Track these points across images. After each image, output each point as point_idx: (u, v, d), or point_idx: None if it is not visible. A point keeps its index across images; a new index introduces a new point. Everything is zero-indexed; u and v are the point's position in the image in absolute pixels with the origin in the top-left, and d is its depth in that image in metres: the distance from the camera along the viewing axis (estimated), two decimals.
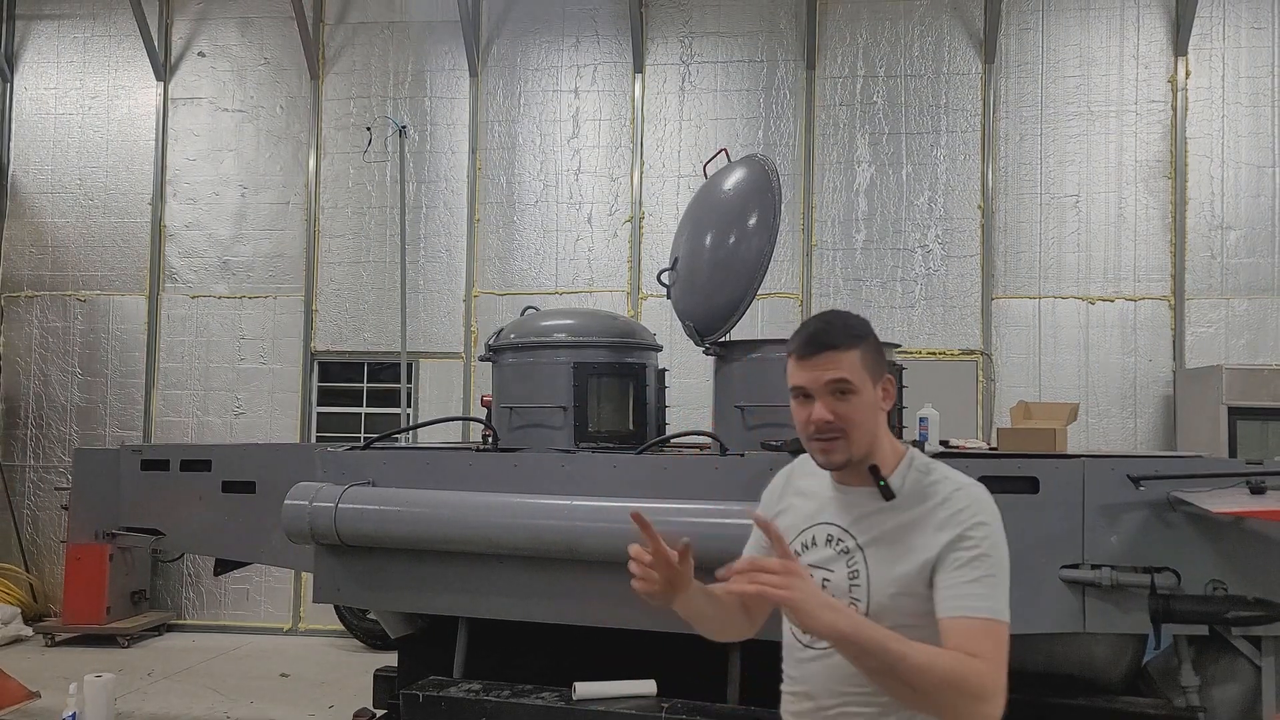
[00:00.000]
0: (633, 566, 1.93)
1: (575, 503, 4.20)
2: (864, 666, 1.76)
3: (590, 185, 9.14)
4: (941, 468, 2.02)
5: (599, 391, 4.75)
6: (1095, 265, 8.58)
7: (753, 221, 4.55)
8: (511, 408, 4.83)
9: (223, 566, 5.72)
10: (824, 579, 1.97)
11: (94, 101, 9.81)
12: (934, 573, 1.87)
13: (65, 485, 8.33)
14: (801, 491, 2.11)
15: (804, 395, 1.97)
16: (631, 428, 4.82)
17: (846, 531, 1.98)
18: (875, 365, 1.99)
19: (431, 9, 9.34)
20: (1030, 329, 8.60)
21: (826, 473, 2.03)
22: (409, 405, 8.89)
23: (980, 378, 8.60)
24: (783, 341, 5.03)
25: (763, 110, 8.99)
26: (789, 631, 2.08)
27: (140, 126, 9.72)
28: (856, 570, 1.95)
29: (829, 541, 2.00)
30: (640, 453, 4.48)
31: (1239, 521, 3.89)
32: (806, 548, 2.03)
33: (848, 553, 1.96)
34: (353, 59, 9.50)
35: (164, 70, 9.69)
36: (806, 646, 2.01)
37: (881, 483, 1.95)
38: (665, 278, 4.94)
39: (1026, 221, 8.68)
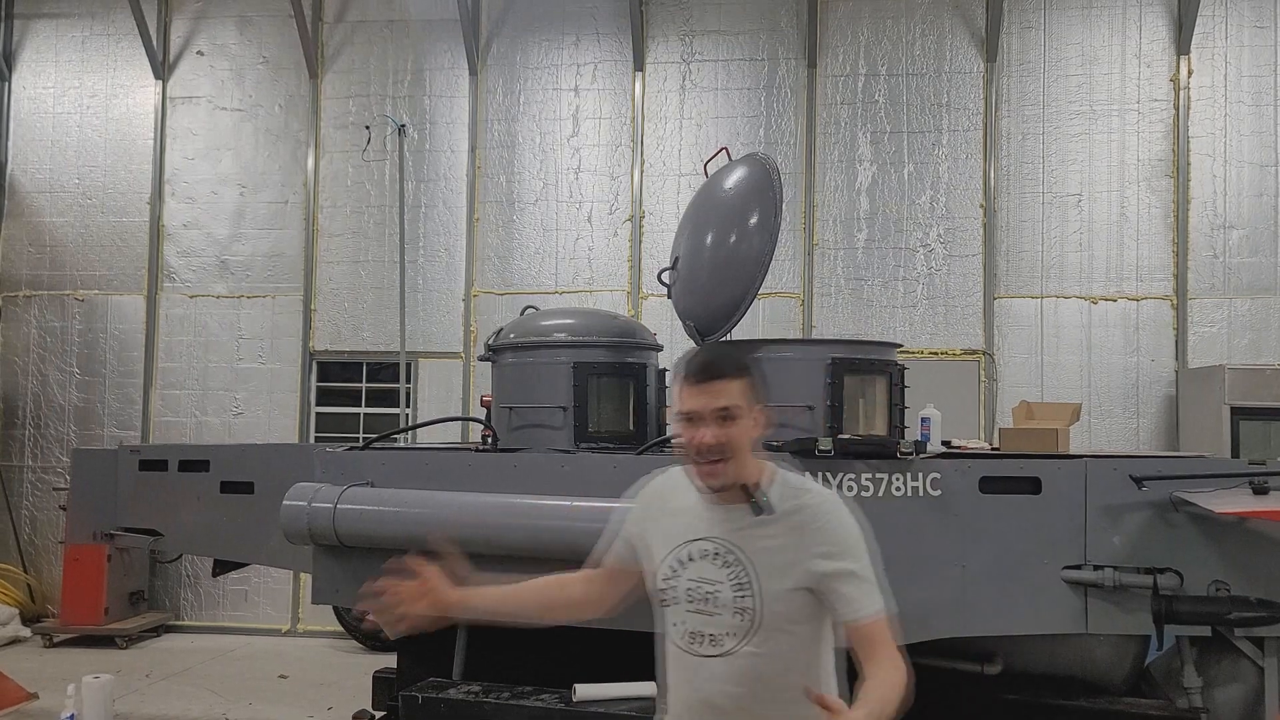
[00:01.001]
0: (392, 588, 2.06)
1: (575, 503, 4.18)
2: None
3: (590, 184, 9.12)
4: (804, 481, 2.20)
5: (599, 391, 4.74)
6: (1097, 265, 8.56)
7: (753, 220, 4.54)
8: (511, 408, 4.81)
9: (221, 567, 5.70)
10: (708, 592, 2.10)
11: (92, 100, 9.78)
12: (819, 582, 2.07)
13: (63, 486, 8.34)
14: (673, 511, 2.22)
15: (691, 419, 2.11)
16: (631, 428, 4.80)
17: (726, 544, 2.11)
18: (755, 396, 2.16)
19: (431, 7, 9.31)
20: (1032, 328, 8.57)
21: (690, 494, 2.17)
22: (408, 405, 8.87)
23: (982, 377, 8.58)
24: (784, 342, 5.04)
25: (764, 109, 8.97)
26: (675, 645, 2.18)
27: (139, 125, 9.70)
28: (743, 581, 2.09)
29: (705, 556, 2.13)
30: (640, 453, 4.46)
31: (1242, 522, 3.88)
32: (683, 563, 2.15)
33: (730, 565, 2.09)
34: (352, 57, 9.48)
35: (162, 69, 9.67)
36: (708, 657, 2.12)
37: (753, 499, 2.09)
38: (666, 277, 4.92)
39: (1029, 220, 8.66)
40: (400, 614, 2.19)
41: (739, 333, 4.72)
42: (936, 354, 8.62)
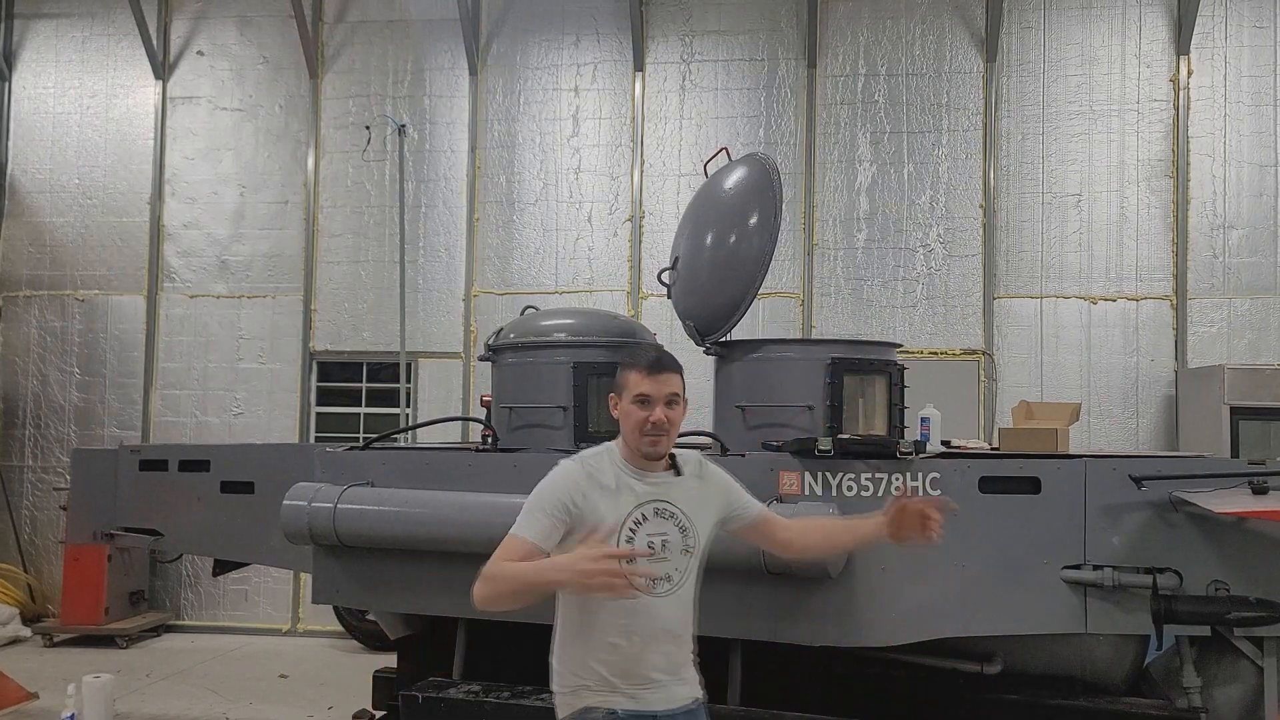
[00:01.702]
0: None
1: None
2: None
3: (590, 184, 9.12)
4: (688, 452, 2.83)
5: (599, 391, 4.74)
6: (1097, 265, 8.56)
7: (753, 220, 4.54)
8: (511, 408, 4.81)
9: (221, 567, 5.71)
10: (664, 540, 2.67)
11: (92, 100, 9.79)
12: (728, 509, 2.83)
13: (64, 485, 8.33)
14: (608, 486, 2.66)
15: (645, 401, 2.66)
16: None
17: (664, 501, 2.70)
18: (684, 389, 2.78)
19: (431, 7, 9.32)
20: (1032, 328, 8.58)
21: (617, 471, 2.69)
22: (408, 405, 8.87)
23: (982, 377, 8.58)
24: (785, 342, 5.04)
25: (763, 109, 8.97)
26: (637, 593, 2.54)
27: (139, 125, 9.70)
28: (685, 525, 2.71)
29: (658, 513, 2.68)
30: None
31: (1241, 522, 3.88)
32: (639, 523, 2.66)
33: (673, 516, 2.69)
34: (352, 58, 9.48)
35: (163, 69, 9.67)
36: (665, 596, 2.67)
37: (675, 465, 2.75)
38: (665, 277, 4.92)
39: (1028, 221, 8.66)
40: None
41: (739, 333, 4.72)
42: (936, 354, 8.62)
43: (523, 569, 2.52)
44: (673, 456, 2.75)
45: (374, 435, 6.21)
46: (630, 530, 2.64)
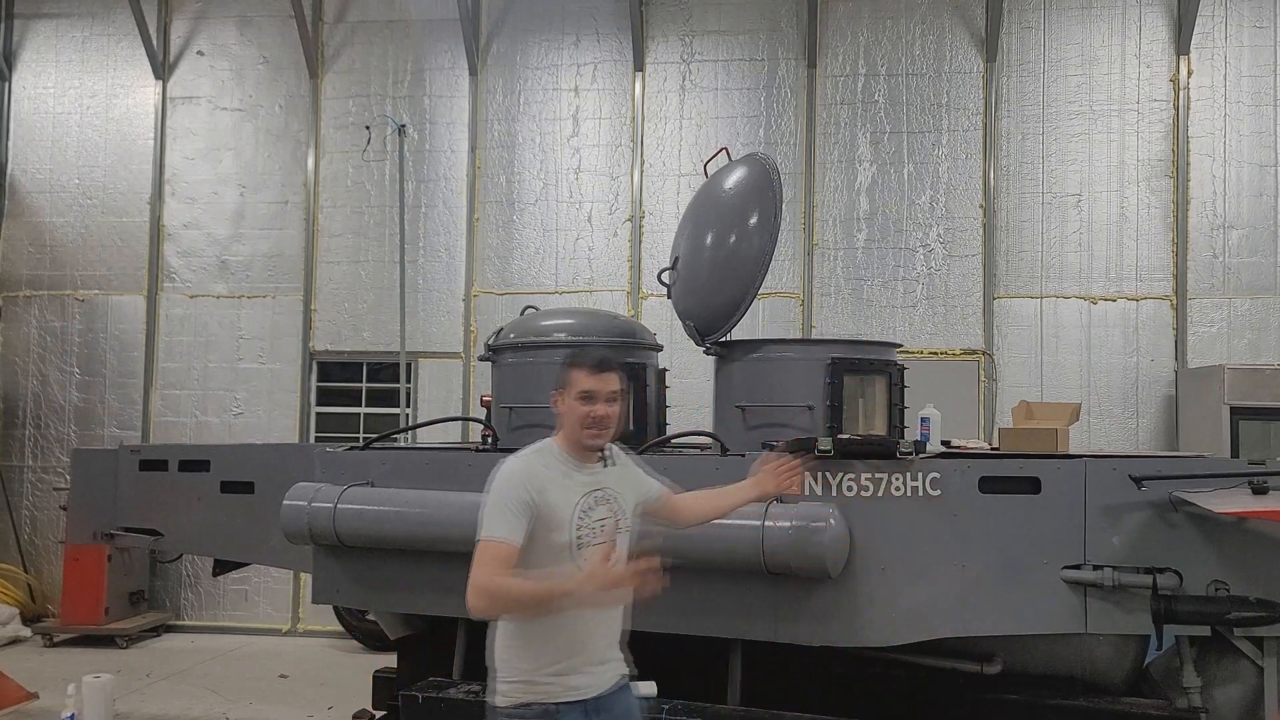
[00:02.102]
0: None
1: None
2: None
3: (590, 184, 9.13)
4: (612, 446, 3.08)
5: None
6: (1097, 265, 8.56)
7: (753, 220, 4.54)
8: (511, 408, 4.81)
9: (221, 567, 5.71)
10: (605, 525, 2.94)
11: (92, 100, 9.79)
12: (645, 493, 3.17)
13: (64, 485, 8.33)
14: (553, 480, 2.88)
15: (589, 397, 2.89)
16: (631, 428, 4.80)
17: (603, 489, 2.97)
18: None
19: (431, 7, 9.32)
20: (1032, 329, 8.58)
21: (559, 464, 2.92)
22: (408, 405, 8.87)
23: (982, 377, 8.58)
24: (785, 342, 5.04)
25: (763, 109, 8.97)
26: (576, 572, 2.79)
27: (139, 125, 9.70)
28: (620, 509, 3.01)
29: (599, 500, 2.95)
30: (640, 453, 4.46)
31: (1241, 522, 3.89)
32: (586, 511, 2.91)
33: (610, 502, 2.98)
34: (352, 58, 9.49)
35: (163, 69, 9.67)
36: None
37: (607, 457, 3.02)
38: (665, 277, 4.92)
39: (1028, 221, 8.66)
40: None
41: (739, 333, 4.72)
42: (936, 354, 8.62)
43: (534, 590, 2.68)
44: (605, 449, 3.03)
45: (374, 435, 6.21)
46: (580, 519, 2.89)
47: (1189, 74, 8.54)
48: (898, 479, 4.02)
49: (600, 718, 2.90)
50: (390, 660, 5.41)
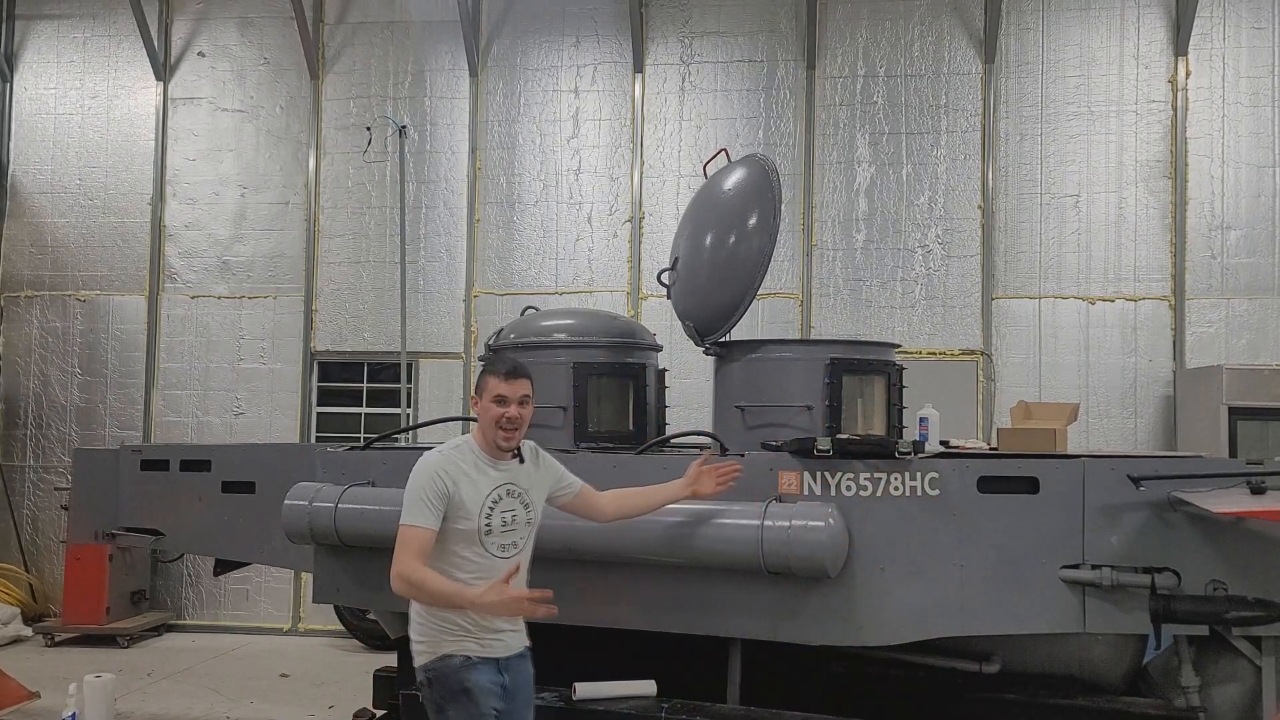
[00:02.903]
0: None
1: None
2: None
3: (590, 185, 9.14)
4: (525, 441, 3.44)
5: (599, 391, 4.76)
6: (1095, 265, 8.58)
7: (753, 221, 4.55)
8: None
9: (222, 567, 5.72)
10: (514, 516, 3.32)
11: (94, 101, 9.80)
12: (555, 486, 3.57)
13: (65, 485, 8.35)
14: (467, 475, 3.25)
15: (502, 400, 3.28)
16: (631, 428, 4.82)
17: (513, 484, 3.34)
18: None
19: (431, 9, 9.34)
20: (1030, 329, 8.60)
21: (474, 460, 3.29)
22: (409, 405, 8.89)
23: (980, 378, 8.60)
24: (784, 342, 5.06)
25: (763, 110, 8.99)
26: (492, 556, 3.27)
27: (140, 126, 9.72)
28: (528, 502, 3.38)
29: (509, 494, 3.32)
30: (640, 453, 4.48)
31: (1239, 522, 3.90)
32: (496, 502, 3.28)
33: (519, 495, 3.35)
34: (352, 59, 9.50)
35: (164, 70, 9.69)
36: (511, 557, 3.30)
37: (519, 455, 3.38)
38: (665, 278, 4.94)
39: (1027, 221, 8.68)
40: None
41: (738, 333, 4.73)
42: (935, 354, 8.64)
43: (445, 590, 3.12)
44: (518, 448, 3.38)
45: (375, 435, 6.23)
46: (489, 510, 3.26)
47: (1187, 75, 8.56)
48: (896, 479, 4.04)
49: (508, 677, 3.32)
50: (391, 659, 5.42)
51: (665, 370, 5.27)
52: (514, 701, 3.33)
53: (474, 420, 3.40)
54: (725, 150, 5.24)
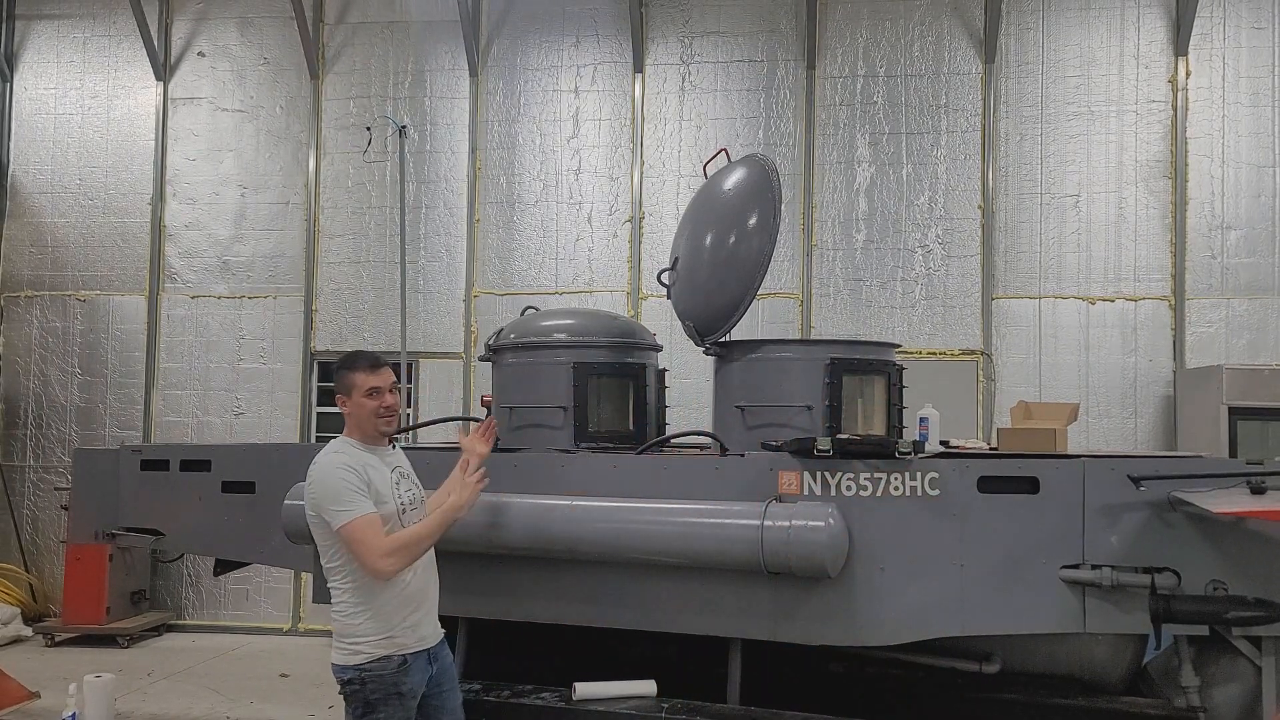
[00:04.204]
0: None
1: (575, 503, 4.20)
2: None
3: (590, 185, 9.14)
4: None
5: (599, 391, 4.75)
6: (1095, 265, 8.58)
7: (753, 221, 4.55)
8: (511, 408, 4.82)
9: (222, 567, 5.71)
10: (412, 496, 3.61)
11: (94, 101, 9.80)
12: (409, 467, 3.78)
13: (65, 485, 8.34)
14: (368, 465, 3.46)
15: (376, 392, 3.50)
16: (631, 428, 4.82)
17: (402, 468, 3.64)
18: None
19: (431, 9, 9.34)
20: (1030, 329, 8.60)
21: (363, 454, 3.48)
22: (409, 405, 8.89)
23: (980, 378, 8.60)
24: (784, 342, 5.06)
25: (763, 110, 8.99)
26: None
27: (140, 126, 9.72)
28: (415, 482, 3.69)
29: (403, 477, 3.61)
30: (640, 453, 4.48)
31: (1239, 522, 3.89)
32: (398, 483, 3.54)
33: (407, 476, 3.66)
34: (353, 59, 9.50)
35: (164, 70, 9.69)
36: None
37: (393, 440, 3.68)
38: (665, 278, 4.93)
39: (1027, 221, 8.68)
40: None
41: (738, 333, 4.73)
42: (935, 354, 8.64)
43: (432, 523, 3.44)
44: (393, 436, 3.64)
45: None
46: (395, 494, 3.50)
47: (1187, 75, 8.56)
48: (896, 479, 4.04)
49: (436, 665, 3.55)
50: None
51: (665, 370, 5.27)
52: (443, 685, 3.60)
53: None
54: (725, 150, 5.23)
